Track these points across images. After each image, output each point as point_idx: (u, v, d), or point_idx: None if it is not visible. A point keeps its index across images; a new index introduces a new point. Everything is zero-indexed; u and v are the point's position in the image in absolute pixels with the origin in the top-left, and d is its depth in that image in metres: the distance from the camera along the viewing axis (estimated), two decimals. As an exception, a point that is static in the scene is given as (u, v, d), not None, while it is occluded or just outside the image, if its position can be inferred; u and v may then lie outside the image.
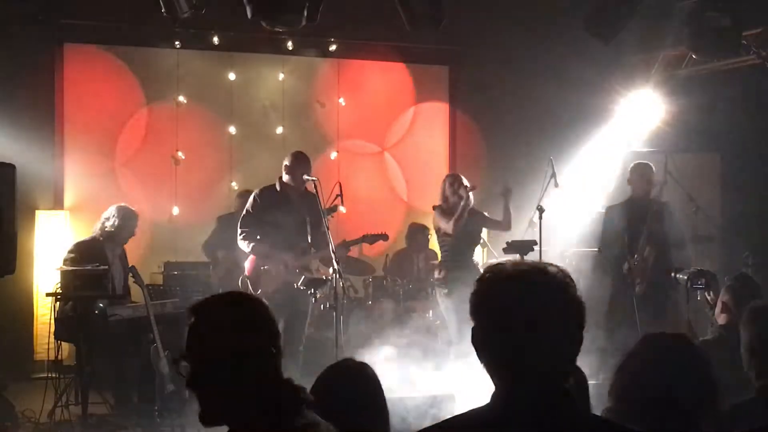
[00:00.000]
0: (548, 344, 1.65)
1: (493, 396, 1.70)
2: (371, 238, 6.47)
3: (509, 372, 1.68)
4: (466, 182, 6.59)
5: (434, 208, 6.70)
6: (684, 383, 2.26)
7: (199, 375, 2.03)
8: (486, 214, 6.89)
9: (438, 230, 6.73)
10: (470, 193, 6.52)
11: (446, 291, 6.50)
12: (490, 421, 1.67)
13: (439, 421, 1.81)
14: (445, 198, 6.64)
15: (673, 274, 5.55)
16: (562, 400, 1.68)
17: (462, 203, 6.49)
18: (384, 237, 6.54)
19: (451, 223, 6.50)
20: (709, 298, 5.13)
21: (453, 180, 6.66)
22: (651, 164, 6.77)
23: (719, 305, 4.45)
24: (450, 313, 6.50)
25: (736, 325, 3.62)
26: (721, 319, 4.42)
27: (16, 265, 5.53)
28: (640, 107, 9.10)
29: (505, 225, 6.74)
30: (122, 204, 6.59)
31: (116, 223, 6.39)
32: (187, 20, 6.05)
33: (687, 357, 2.36)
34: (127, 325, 5.93)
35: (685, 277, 5.39)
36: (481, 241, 7.94)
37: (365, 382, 2.59)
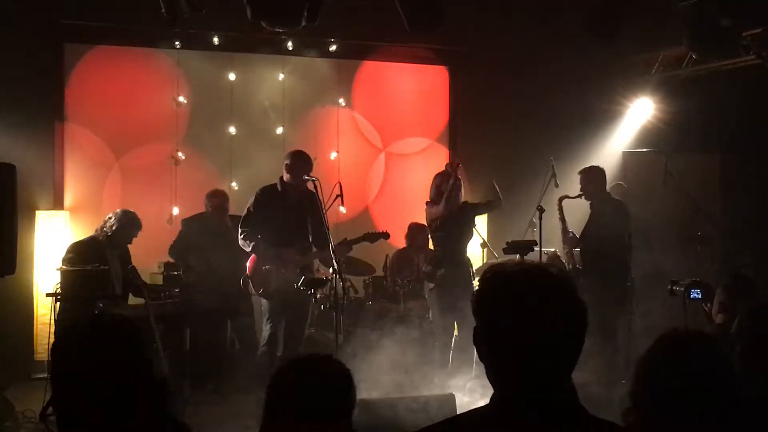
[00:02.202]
0: (550, 344, 1.63)
1: (494, 396, 1.68)
2: (372, 237, 6.46)
3: (511, 372, 1.66)
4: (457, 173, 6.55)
5: (427, 203, 6.67)
6: (705, 381, 2.23)
7: (63, 411, 1.96)
8: (474, 201, 6.88)
9: (430, 224, 6.69)
10: (457, 176, 6.45)
11: (432, 286, 6.49)
12: (491, 422, 1.65)
13: (438, 421, 1.79)
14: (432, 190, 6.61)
15: (669, 286, 5.48)
16: (565, 400, 1.66)
17: (450, 181, 6.40)
18: (385, 236, 6.53)
19: (441, 204, 6.44)
20: (706, 309, 5.06)
21: (440, 172, 6.65)
22: (600, 167, 7.06)
23: (716, 305, 4.46)
24: (434, 307, 6.50)
25: (732, 323, 3.61)
26: (719, 318, 4.43)
27: (16, 266, 5.55)
28: (639, 107, 9.11)
29: (496, 202, 6.71)
30: (129, 210, 6.59)
31: (115, 227, 6.40)
32: (187, 20, 6.06)
33: (707, 354, 2.32)
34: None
35: (682, 289, 5.33)
36: (481, 241, 7.95)
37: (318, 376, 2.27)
